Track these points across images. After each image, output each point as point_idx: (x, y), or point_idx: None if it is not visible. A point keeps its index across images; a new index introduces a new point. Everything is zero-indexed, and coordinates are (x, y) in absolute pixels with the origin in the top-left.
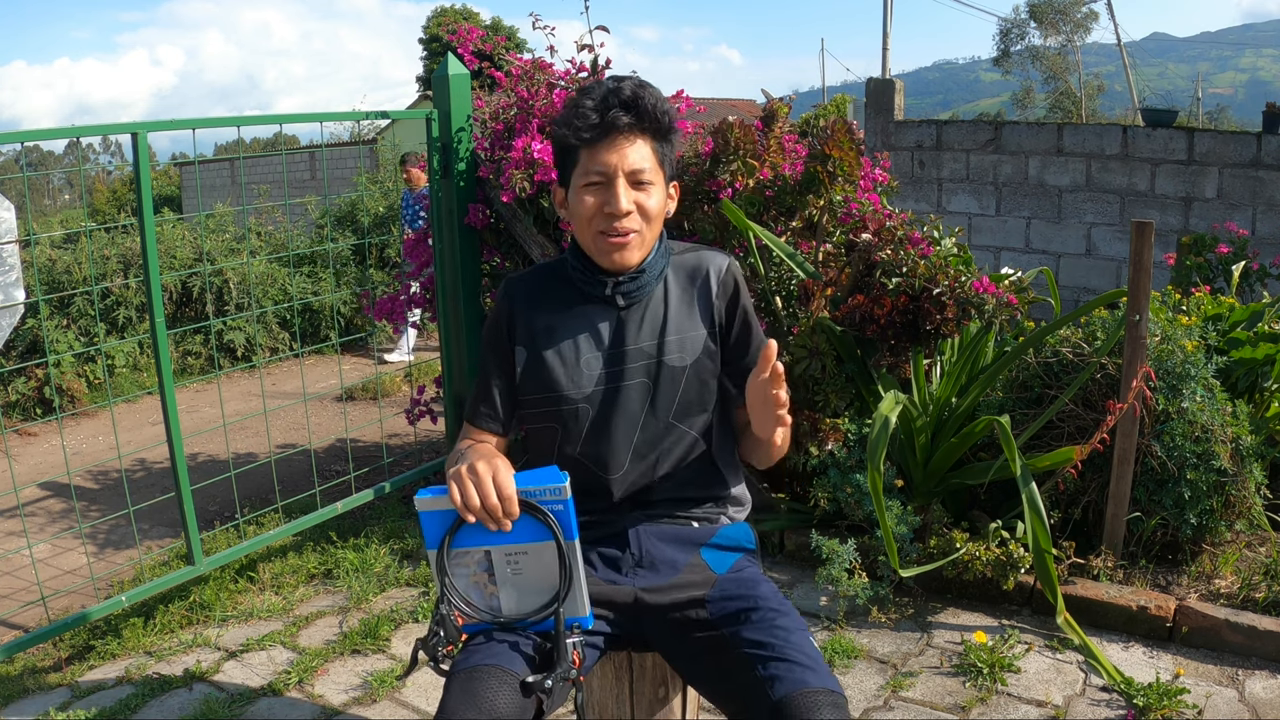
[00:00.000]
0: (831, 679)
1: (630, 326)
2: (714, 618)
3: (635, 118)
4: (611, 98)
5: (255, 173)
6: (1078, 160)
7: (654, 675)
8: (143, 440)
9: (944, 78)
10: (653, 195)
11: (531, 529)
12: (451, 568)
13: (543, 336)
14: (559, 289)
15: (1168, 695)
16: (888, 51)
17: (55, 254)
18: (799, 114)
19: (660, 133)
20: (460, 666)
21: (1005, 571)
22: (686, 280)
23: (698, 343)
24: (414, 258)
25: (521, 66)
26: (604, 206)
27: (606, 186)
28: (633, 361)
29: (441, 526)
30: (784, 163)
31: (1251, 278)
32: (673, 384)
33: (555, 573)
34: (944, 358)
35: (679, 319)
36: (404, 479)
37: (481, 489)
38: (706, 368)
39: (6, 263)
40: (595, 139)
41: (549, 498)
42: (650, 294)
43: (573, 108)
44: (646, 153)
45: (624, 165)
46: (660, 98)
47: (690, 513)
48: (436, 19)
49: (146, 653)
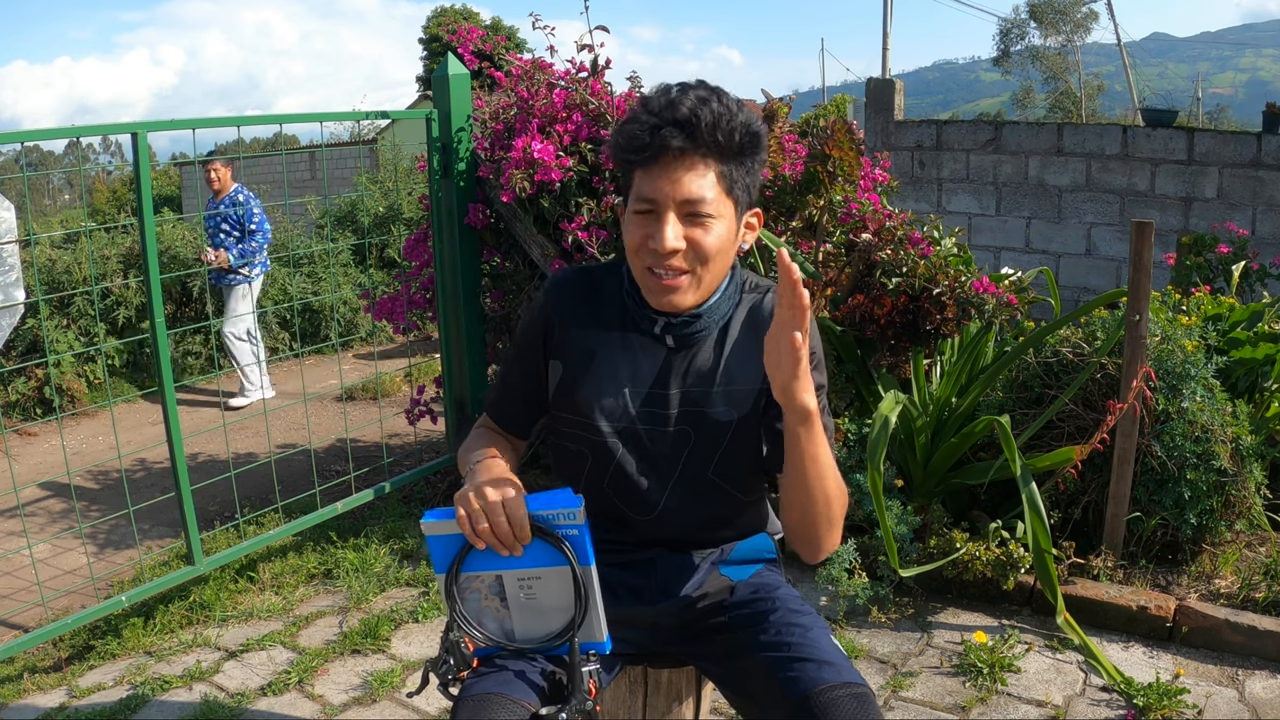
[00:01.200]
0: (851, 671)
1: (677, 369)
2: (732, 622)
3: (690, 140)
4: (667, 113)
5: (255, 173)
6: (1078, 160)
7: (668, 690)
8: (143, 440)
9: (944, 78)
10: (713, 230)
11: (545, 553)
12: (461, 593)
13: (582, 358)
14: (607, 306)
15: (1168, 695)
16: (888, 51)
17: (55, 254)
18: (799, 114)
19: (730, 154)
20: (468, 693)
21: (1005, 571)
22: (752, 323)
23: (749, 397)
24: (414, 258)
25: (521, 66)
26: (649, 240)
27: (655, 217)
28: (674, 407)
29: (450, 551)
30: (784, 163)
31: (1251, 278)
32: (715, 438)
33: (570, 597)
34: (944, 358)
35: (733, 369)
36: (404, 479)
37: (491, 514)
38: (754, 424)
39: (6, 263)
40: (646, 162)
41: (563, 522)
42: (707, 335)
43: (629, 119)
44: (709, 180)
45: (676, 195)
46: (730, 112)
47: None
48: (436, 19)
49: (146, 653)
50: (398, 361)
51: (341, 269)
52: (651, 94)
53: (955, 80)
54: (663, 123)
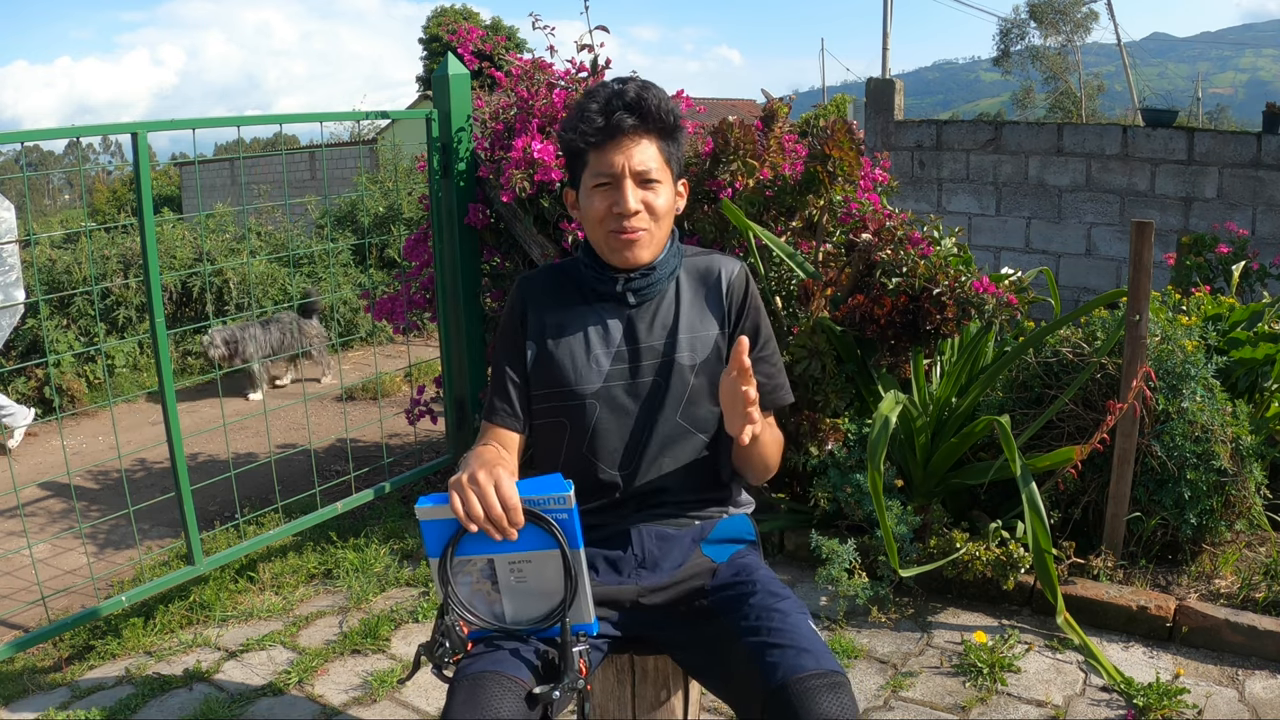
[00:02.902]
0: (830, 659)
1: (641, 324)
2: (714, 606)
3: (640, 119)
4: (616, 100)
5: (255, 173)
6: (1078, 160)
7: (655, 678)
8: (143, 440)
9: (944, 78)
10: (660, 194)
11: (535, 537)
12: (454, 576)
13: (553, 332)
14: (571, 287)
15: (1168, 695)
16: (888, 51)
17: (55, 254)
18: (799, 114)
19: (666, 132)
20: (464, 672)
21: (1005, 571)
22: (699, 281)
23: (708, 343)
24: (414, 258)
25: (521, 66)
26: (613, 207)
27: (614, 187)
28: (643, 359)
29: (443, 536)
30: (784, 163)
31: (1251, 278)
32: (682, 383)
33: (559, 580)
34: (944, 358)
35: (690, 318)
36: (404, 479)
37: (484, 499)
38: (716, 369)
39: (6, 263)
40: (601, 141)
41: (553, 506)
42: (662, 293)
43: (578, 111)
44: (653, 152)
45: (630, 165)
46: (664, 98)
47: (692, 512)
48: (436, 19)
49: (146, 653)
50: (398, 361)
51: (341, 269)
52: (593, 89)
53: (955, 80)
54: (615, 107)
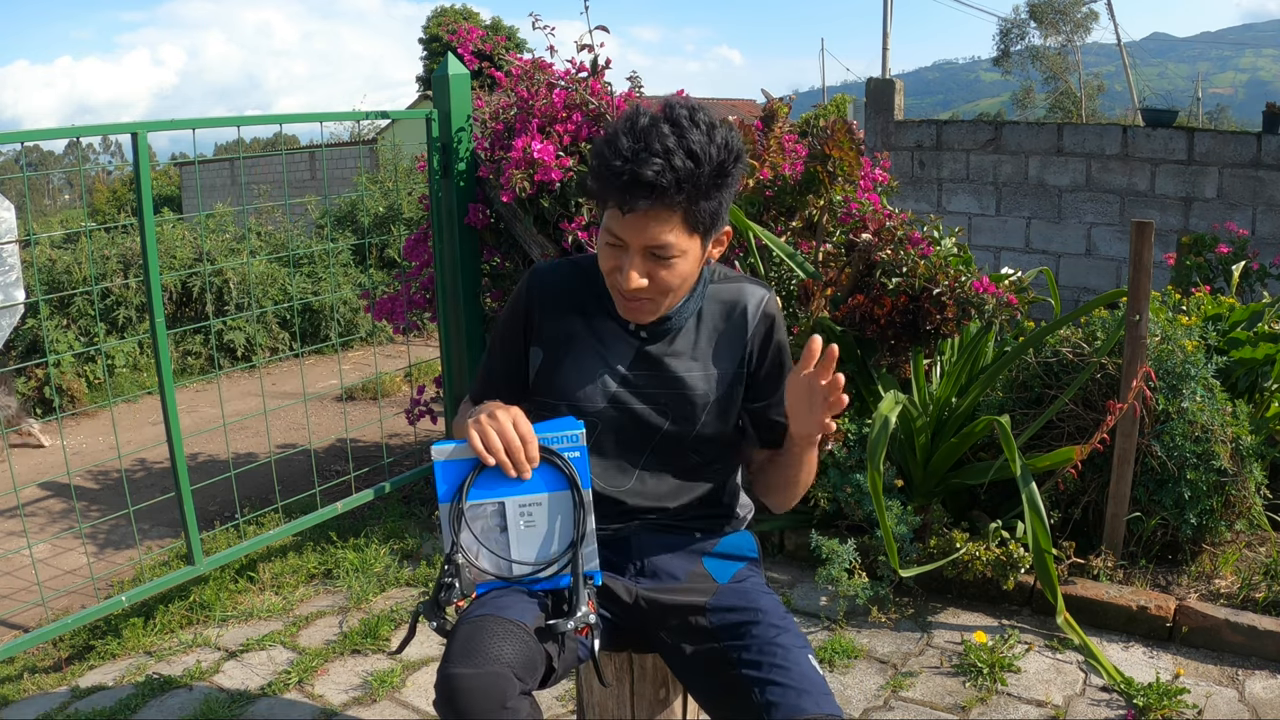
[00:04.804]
0: (829, 701)
1: (654, 353)
2: (714, 627)
3: (656, 201)
4: (635, 168)
5: (255, 173)
6: (1078, 160)
7: (654, 676)
8: (143, 440)
9: (944, 78)
10: (677, 266)
11: (546, 479)
12: (467, 521)
13: (563, 343)
14: (587, 295)
15: (1168, 695)
16: (888, 51)
17: (55, 254)
18: (799, 114)
19: (698, 195)
20: (466, 619)
21: (1005, 571)
22: (722, 315)
23: (724, 378)
24: (414, 258)
25: (521, 66)
26: (616, 273)
27: (623, 251)
28: (651, 387)
29: (457, 477)
30: (784, 163)
31: (1251, 278)
32: (691, 416)
33: (568, 523)
34: (944, 358)
35: (707, 351)
36: (404, 479)
37: (503, 433)
38: (730, 404)
39: (6, 263)
40: (616, 201)
41: (565, 445)
42: (680, 326)
43: (606, 151)
44: (674, 224)
45: (642, 240)
46: (699, 152)
47: (693, 524)
48: (436, 19)
49: (146, 653)
50: (398, 361)
51: (341, 269)
52: (625, 129)
53: (955, 80)
54: (632, 181)
